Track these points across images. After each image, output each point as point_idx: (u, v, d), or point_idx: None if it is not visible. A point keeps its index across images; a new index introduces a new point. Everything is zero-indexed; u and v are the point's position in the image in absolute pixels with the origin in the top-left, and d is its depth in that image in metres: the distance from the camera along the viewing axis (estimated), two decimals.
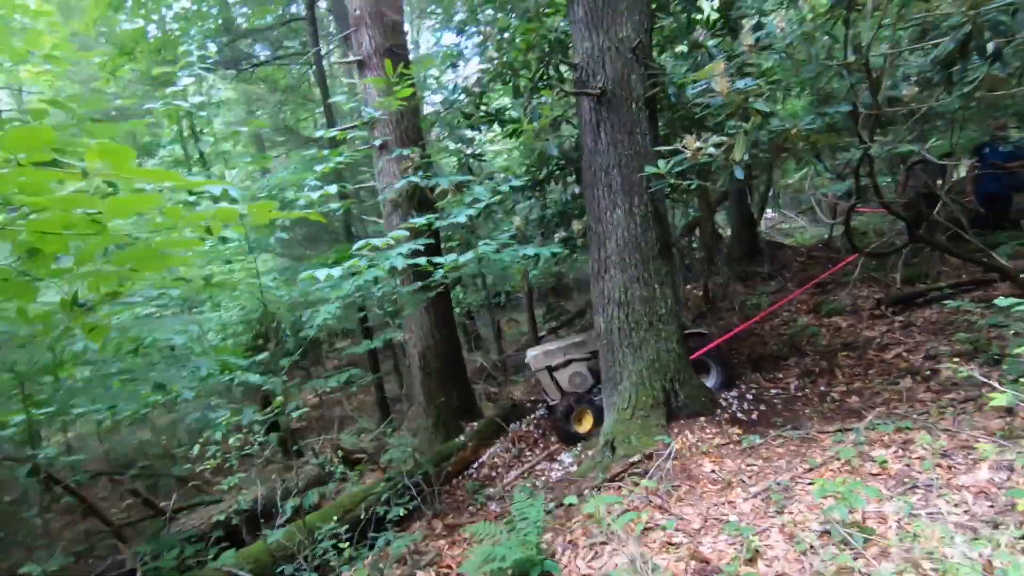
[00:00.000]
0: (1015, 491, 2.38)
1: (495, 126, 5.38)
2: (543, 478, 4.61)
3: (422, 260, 3.57)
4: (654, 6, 4.27)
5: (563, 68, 4.71)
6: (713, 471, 3.48)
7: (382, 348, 8.31)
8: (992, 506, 2.42)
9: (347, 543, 3.50)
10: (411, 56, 7.32)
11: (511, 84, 4.94)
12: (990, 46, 2.77)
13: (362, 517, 3.93)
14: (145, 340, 3.72)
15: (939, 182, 5.00)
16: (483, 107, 5.27)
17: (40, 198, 1.30)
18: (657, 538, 2.91)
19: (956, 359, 3.99)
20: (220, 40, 8.77)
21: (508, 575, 2.88)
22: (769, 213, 12.08)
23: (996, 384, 2.96)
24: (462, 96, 4.95)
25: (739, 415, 4.25)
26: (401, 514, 3.70)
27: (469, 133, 5.65)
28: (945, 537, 2.22)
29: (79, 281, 2.09)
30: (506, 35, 4.42)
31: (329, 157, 4.12)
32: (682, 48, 4.43)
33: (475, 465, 5.28)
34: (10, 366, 2.52)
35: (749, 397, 4.56)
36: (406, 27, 6.82)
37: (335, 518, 3.80)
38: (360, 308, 6.92)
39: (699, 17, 4.39)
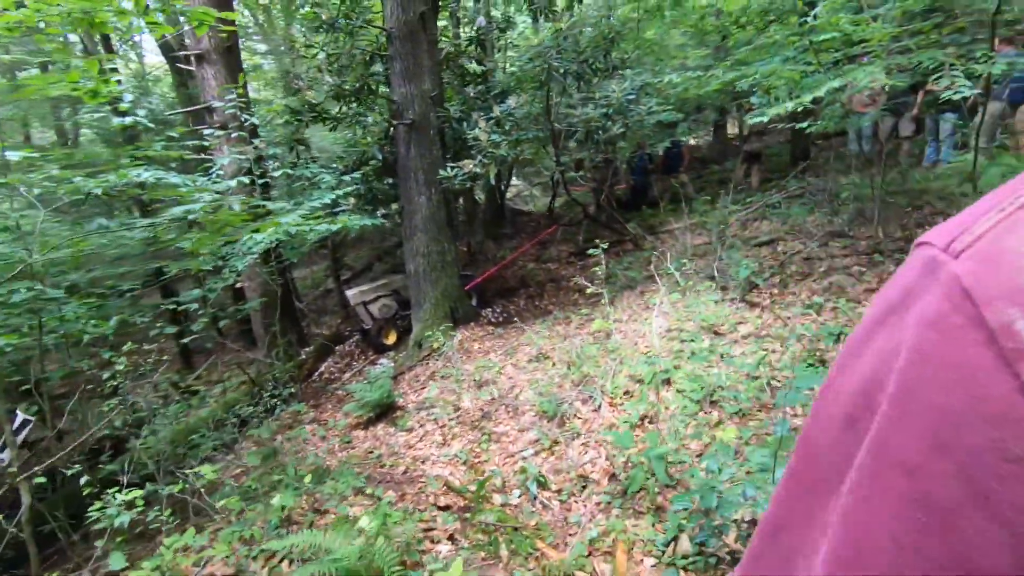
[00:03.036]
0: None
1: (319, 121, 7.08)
2: (372, 373, 6.84)
3: (307, 226, 5.33)
4: (444, 70, 6.61)
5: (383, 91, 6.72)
6: (479, 347, 6.23)
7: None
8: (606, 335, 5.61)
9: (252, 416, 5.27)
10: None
11: (335, 94, 6.73)
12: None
13: (251, 405, 5.65)
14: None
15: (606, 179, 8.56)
16: (309, 104, 6.92)
17: None
18: (451, 377, 5.51)
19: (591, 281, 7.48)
20: None
21: (372, 406, 5.17)
22: (516, 181, 15.77)
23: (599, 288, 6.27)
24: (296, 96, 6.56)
25: (492, 320, 7.14)
26: (292, 391, 5.58)
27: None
28: (576, 347, 5.28)
29: None
30: (338, 63, 6.19)
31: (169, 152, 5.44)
32: (457, 103, 6.89)
33: (316, 375, 7.20)
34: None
35: (498, 311, 7.50)
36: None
37: (232, 408, 5.46)
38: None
39: (469, 76, 6.89)
